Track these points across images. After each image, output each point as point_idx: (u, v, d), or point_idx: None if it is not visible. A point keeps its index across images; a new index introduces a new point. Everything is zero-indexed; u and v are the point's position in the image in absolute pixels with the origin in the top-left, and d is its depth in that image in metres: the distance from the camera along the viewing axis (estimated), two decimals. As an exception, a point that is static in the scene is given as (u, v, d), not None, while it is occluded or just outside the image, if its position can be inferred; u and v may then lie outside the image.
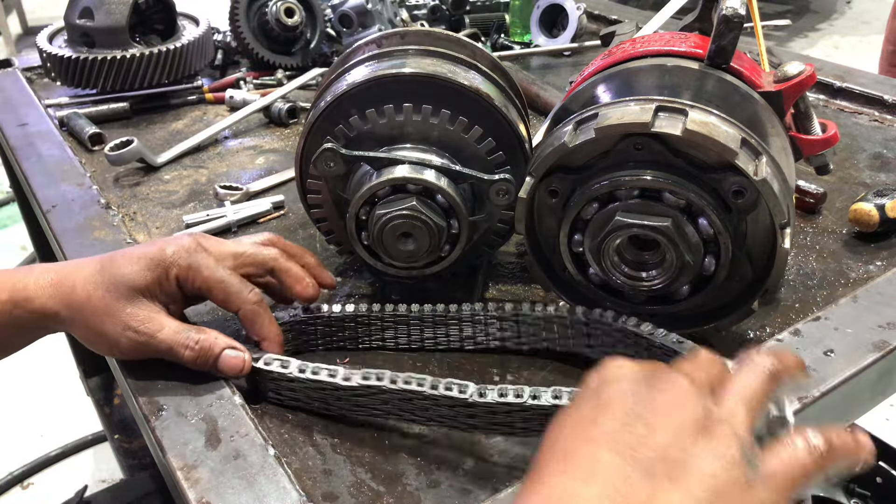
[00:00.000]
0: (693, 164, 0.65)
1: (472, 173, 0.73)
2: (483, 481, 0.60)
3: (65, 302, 0.67)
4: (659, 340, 0.67)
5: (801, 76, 0.71)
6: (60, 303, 0.67)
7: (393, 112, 0.74)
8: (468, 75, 0.76)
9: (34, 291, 0.67)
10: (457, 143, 0.75)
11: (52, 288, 0.67)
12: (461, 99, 0.75)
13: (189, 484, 0.58)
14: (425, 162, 0.73)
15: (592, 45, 1.54)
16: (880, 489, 1.48)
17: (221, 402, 0.65)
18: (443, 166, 0.73)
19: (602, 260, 0.69)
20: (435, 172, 0.73)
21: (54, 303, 0.67)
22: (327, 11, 1.45)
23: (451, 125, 0.74)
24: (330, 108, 0.76)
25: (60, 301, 0.67)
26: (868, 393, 0.72)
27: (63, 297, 0.67)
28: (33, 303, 0.67)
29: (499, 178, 0.73)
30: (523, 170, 0.74)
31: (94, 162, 1.15)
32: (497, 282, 0.85)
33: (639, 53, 0.76)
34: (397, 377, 0.63)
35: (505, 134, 0.76)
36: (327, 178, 0.76)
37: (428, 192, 0.73)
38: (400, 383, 0.62)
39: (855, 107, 1.24)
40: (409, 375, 0.63)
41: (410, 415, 0.63)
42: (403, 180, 0.72)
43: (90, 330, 0.67)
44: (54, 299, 0.67)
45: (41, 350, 2.49)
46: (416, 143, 0.75)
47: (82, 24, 1.28)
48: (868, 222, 0.88)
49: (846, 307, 0.75)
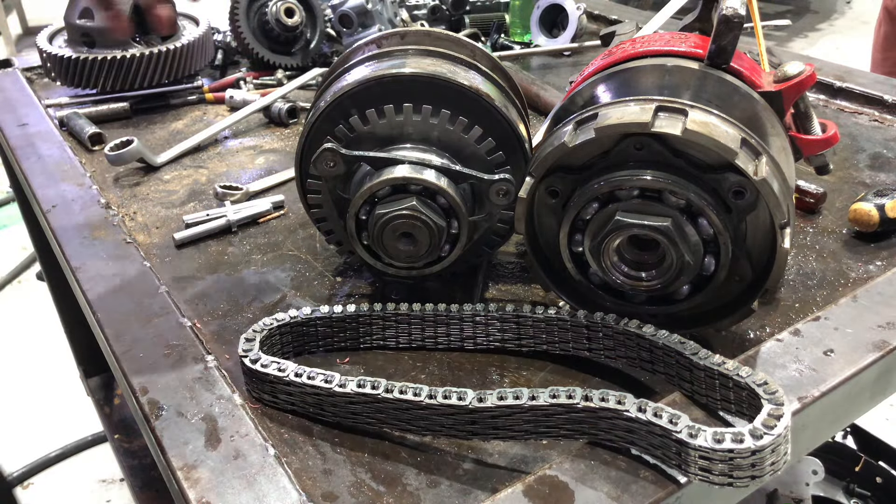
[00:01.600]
0: (693, 164, 0.65)
1: (473, 173, 0.73)
2: (483, 481, 0.60)
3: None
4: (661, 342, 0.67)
5: (801, 76, 0.71)
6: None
7: (393, 112, 0.74)
8: (468, 75, 0.76)
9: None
10: (457, 143, 0.75)
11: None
12: (461, 99, 0.75)
13: (189, 484, 0.58)
14: (425, 162, 0.73)
15: (592, 45, 1.54)
16: (880, 489, 1.48)
17: (221, 402, 0.65)
18: (443, 166, 0.73)
19: (602, 260, 0.69)
20: (435, 172, 0.73)
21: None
22: (327, 11, 1.45)
23: (451, 125, 0.74)
24: (330, 108, 0.76)
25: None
26: (868, 393, 0.72)
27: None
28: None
29: (499, 177, 0.73)
30: (523, 170, 0.74)
31: (94, 162, 1.15)
32: (497, 282, 0.85)
33: (639, 53, 0.76)
34: (393, 386, 0.62)
35: (505, 134, 0.76)
36: (327, 178, 0.76)
37: (428, 193, 0.73)
38: (395, 392, 0.62)
39: (855, 107, 1.24)
40: (405, 385, 0.62)
41: (406, 424, 0.63)
42: (404, 180, 0.72)
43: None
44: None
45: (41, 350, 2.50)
46: (417, 143, 0.75)
47: (82, 24, 1.28)
48: (868, 222, 0.88)
49: (846, 307, 0.75)
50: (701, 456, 0.54)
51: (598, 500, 0.56)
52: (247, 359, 0.67)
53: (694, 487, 0.57)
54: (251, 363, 0.67)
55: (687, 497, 0.58)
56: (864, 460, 1.50)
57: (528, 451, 0.63)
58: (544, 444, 0.63)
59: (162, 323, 0.76)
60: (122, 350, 0.72)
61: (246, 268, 0.89)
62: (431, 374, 0.73)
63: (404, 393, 0.61)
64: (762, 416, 0.55)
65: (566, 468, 0.58)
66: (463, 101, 0.75)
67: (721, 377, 0.62)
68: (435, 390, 0.61)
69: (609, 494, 0.56)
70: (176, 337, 0.74)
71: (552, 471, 0.58)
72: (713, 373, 0.62)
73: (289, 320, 0.73)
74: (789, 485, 1.41)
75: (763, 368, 0.67)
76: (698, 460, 0.54)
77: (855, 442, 1.58)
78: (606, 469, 0.58)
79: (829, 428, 0.75)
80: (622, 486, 0.57)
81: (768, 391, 0.58)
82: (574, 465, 0.59)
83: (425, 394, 0.61)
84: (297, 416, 0.67)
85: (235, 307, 0.82)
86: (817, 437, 0.74)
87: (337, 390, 0.63)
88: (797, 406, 0.63)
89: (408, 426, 0.63)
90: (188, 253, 0.92)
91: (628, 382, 0.71)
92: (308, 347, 0.75)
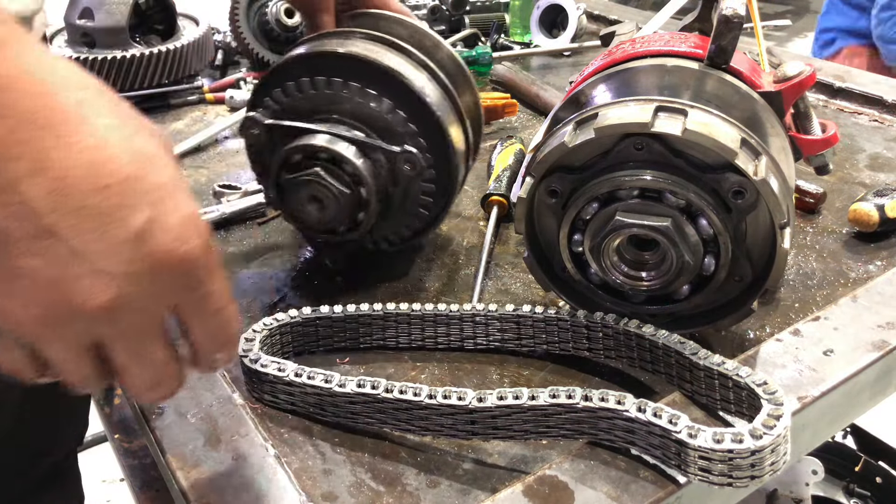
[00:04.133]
0: (693, 164, 0.65)
1: (378, 143, 0.78)
2: (483, 481, 0.61)
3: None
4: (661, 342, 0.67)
5: (801, 76, 0.71)
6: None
7: (309, 85, 0.79)
8: (395, 58, 0.80)
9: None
10: (370, 117, 0.79)
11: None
12: (378, 77, 0.78)
13: (189, 484, 0.58)
14: (336, 132, 0.78)
15: (592, 45, 1.54)
16: (880, 489, 1.48)
17: (221, 402, 0.65)
18: (352, 137, 0.78)
19: (602, 259, 0.69)
20: (344, 143, 0.77)
21: None
22: (327, 11, 1.45)
23: (361, 98, 0.78)
24: (261, 82, 0.82)
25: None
26: (867, 393, 0.72)
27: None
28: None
29: (402, 149, 0.78)
30: (449, 159, 0.80)
31: (94, 162, 1.15)
32: (497, 281, 0.85)
33: (639, 53, 0.76)
34: (393, 385, 0.62)
35: (419, 111, 0.79)
36: (255, 145, 0.83)
37: (334, 161, 0.78)
38: (395, 392, 0.62)
39: (855, 107, 1.24)
40: (405, 385, 0.62)
41: (406, 424, 0.63)
42: (313, 148, 0.77)
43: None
44: None
45: (41, 350, 2.45)
46: (334, 116, 0.80)
47: (82, 24, 1.28)
48: (867, 222, 0.88)
49: (846, 307, 0.75)
50: (700, 456, 0.54)
51: (597, 500, 0.56)
52: (247, 359, 0.67)
53: (694, 487, 0.57)
54: (251, 363, 0.67)
55: (687, 497, 0.58)
56: (864, 460, 1.50)
57: (528, 451, 0.63)
58: (544, 443, 0.63)
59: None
60: (122, 350, 0.72)
61: (246, 268, 0.89)
62: (431, 373, 0.73)
63: (404, 393, 0.62)
64: (761, 417, 0.55)
65: (566, 468, 0.58)
66: (379, 79, 0.79)
67: (720, 377, 0.62)
68: (435, 390, 0.61)
69: (609, 494, 0.56)
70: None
71: (552, 471, 0.58)
72: (713, 373, 0.62)
73: (289, 320, 0.73)
74: (789, 485, 1.41)
75: (763, 368, 0.67)
76: (698, 460, 0.54)
77: (855, 442, 1.58)
78: (606, 469, 0.58)
79: (828, 428, 0.75)
80: (622, 486, 0.57)
81: (767, 391, 0.58)
82: (574, 465, 0.59)
83: (425, 393, 0.61)
84: (298, 416, 0.67)
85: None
86: (817, 437, 0.74)
87: (337, 390, 0.63)
88: (797, 406, 0.63)
89: (407, 426, 0.63)
90: (188, 253, 0.92)
91: (628, 382, 0.71)
92: (308, 347, 0.75)
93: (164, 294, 0.40)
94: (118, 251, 0.36)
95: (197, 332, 0.45)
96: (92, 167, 0.36)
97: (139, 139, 0.39)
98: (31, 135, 0.34)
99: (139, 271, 0.37)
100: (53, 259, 0.35)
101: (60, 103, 0.36)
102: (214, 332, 0.45)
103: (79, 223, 0.35)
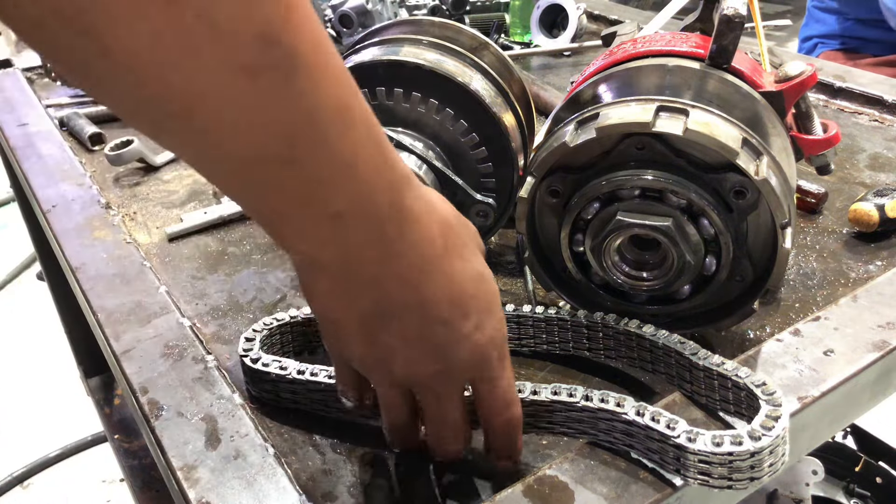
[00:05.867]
0: (694, 163, 0.65)
1: (460, 183, 0.75)
2: (483, 481, 0.60)
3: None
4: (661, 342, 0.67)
5: (802, 76, 0.71)
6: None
7: (385, 95, 0.76)
8: (468, 72, 0.77)
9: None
10: (452, 143, 0.76)
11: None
12: (454, 93, 0.76)
13: (189, 484, 0.57)
14: (412, 148, 0.75)
15: (593, 45, 1.54)
16: (880, 489, 1.48)
17: (221, 402, 0.65)
18: (439, 168, 0.74)
19: (603, 259, 0.69)
20: (425, 167, 0.75)
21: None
22: (327, 11, 1.45)
23: (437, 115, 0.75)
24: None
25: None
26: (868, 393, 0.72)
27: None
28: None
29: (482, 200, 0.76)
30: (512, 181, 0.77)
31: (94, 162, 1.15)
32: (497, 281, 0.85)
33: (640, 53, 0.75)
34: None
35: (493, 134, 0.77)
36: None
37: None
38: None
39: (855, 107, 1.24)
40: None
41: None
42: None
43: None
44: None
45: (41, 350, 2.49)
46: (407, 127, 0.77)
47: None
48: (868, 222, 0.88)
49: (846, 307, 0.75)
50: (699, 460, 0.54)
51: (597, 501, 0.56)
52: (247, 358, 0.67)
53: (694, 488, 0.57)
54: (252, 362, 0.67)
55: (687, 497, 0.58)
56: (864, 460, 1.50)
57: (528, 451, 0.63)
58: (544, 443, 0.63)
59: (162, 323, 0.76)
60: (121, 350, 0.72)
61: (246, 267, 0.89)
62: (432, 374, 0.73)
63: None
64: (760, 418, 0.55)
65: (566, 468, 0.58)
66: (455, 97, 0.76)
67: (720, 377, 0.62)
68: None
69: (609, 495, 0.56)
70: (176, 337, 0.74)
71: (552, 471, 0.58)
72: (712, 373, 0.62)
73: (289, 320, 0.73)
74: (789, 485, 1.41)
75: (763, 368, 0.67)
76: (697, 464, 0.54)
77: (855, 442, 1.58)
78: (606, 469, 0.58)
79: (828, 428, 0.75)
80: (622, 487, 0.57)
81: (766, 392, 0.58)
82: (574, 465, 0.59)
83: None
84: (298, 417, 0.67)
85: (235, 307, 0.82)
86: (817, 437, 0.73)
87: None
88: (797, 406, 0.63)
89: None
90: (188, 253, 0.92)
91: (628, 382, 0.71)
92: (309, 347, 0.75)
93: (467, 370, 0.55)
94: (459, 340, 0.53)
95: (484, 406, 0.58)
96: (451, 290, 0.53)
97: (477, 264, 0.56)
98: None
99: (464, 354, 0.53)
100: (441, 338, 0.52)
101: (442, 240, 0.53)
102: (500, 408, 0.58)
103: (452, 321, 0.52)
